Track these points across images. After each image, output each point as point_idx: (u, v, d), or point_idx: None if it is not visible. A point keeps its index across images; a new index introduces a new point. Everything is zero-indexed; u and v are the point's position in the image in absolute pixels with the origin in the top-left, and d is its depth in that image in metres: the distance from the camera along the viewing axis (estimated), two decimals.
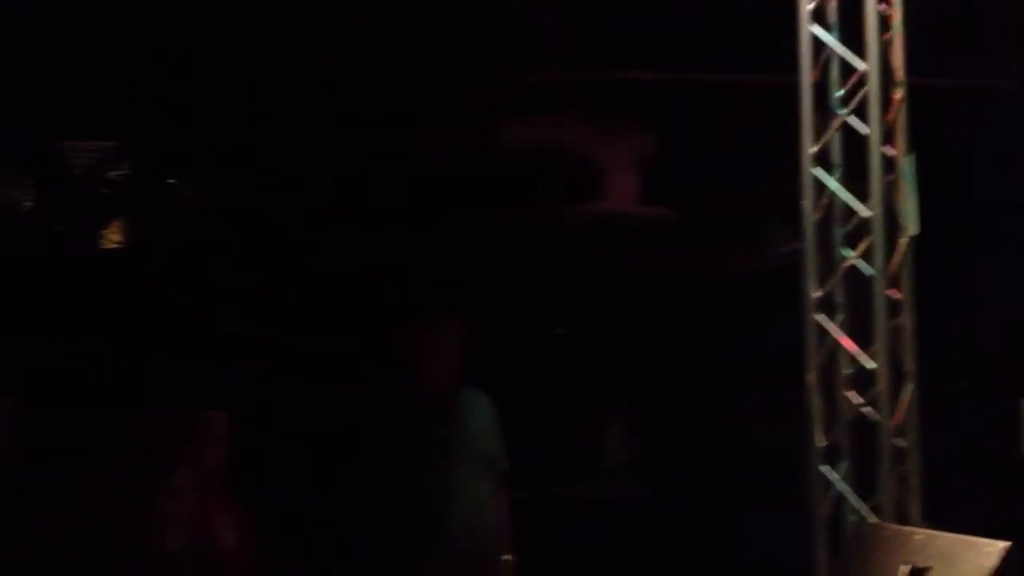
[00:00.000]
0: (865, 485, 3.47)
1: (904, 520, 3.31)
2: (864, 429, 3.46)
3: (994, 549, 2.44)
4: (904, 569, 2.53)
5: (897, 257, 3.52)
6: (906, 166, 3.55)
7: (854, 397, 3.52)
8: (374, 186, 5.88)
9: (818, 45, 3.67)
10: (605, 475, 6.14)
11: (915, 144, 3.54)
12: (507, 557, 3.81)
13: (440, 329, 3.76)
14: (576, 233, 5.57)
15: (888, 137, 3.54)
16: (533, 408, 5.36)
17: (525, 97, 5.21)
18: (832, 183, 3.65)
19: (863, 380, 3.47)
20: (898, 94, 3.56)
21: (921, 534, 2.72)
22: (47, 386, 3.73)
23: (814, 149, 3.65)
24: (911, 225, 3.52)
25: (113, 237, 7.97)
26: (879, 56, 3.53)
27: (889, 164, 3.54)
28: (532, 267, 5.76)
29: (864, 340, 3.47)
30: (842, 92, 3.66)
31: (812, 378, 3.53)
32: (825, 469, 3.52)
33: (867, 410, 3.47)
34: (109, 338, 5.12)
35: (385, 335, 3.86)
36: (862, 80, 3.55)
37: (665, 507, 5.47)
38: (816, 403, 3.55)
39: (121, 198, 7.45)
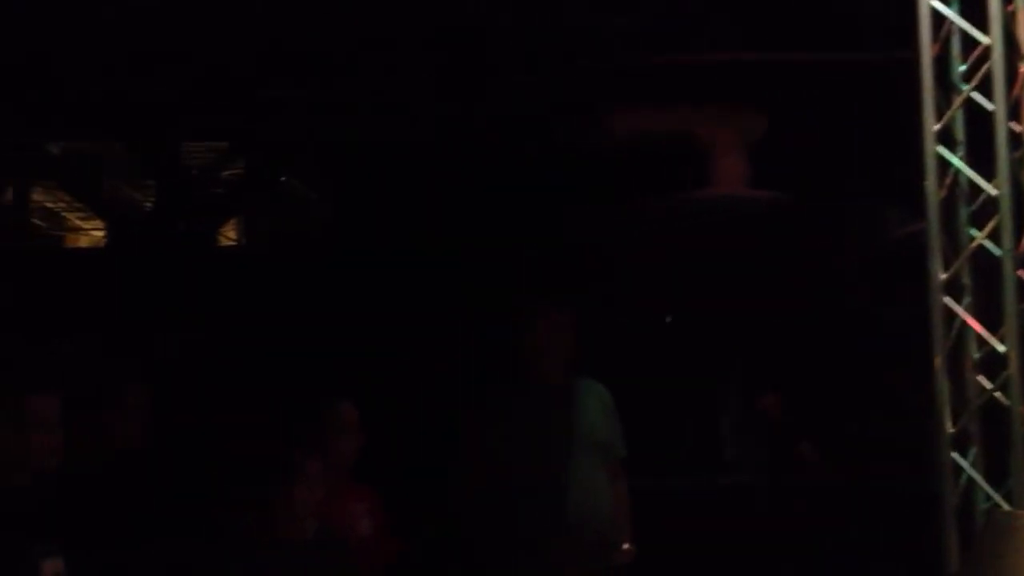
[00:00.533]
0: (996, 472, 3.36)
1: None
2: (994, 414, 3.35)
3: None
4: None
5: None
6: None
7: (983, 382, 3.41)
8: (484, 177, 5.91)
9: (938, 19, 3.56)
10: (724, 464, 6.09)
11: None
12: (627, 546, 3.81)
13: (554, 318, 3.77)
14: (686, 219, 5.52)
15: (1014, 112, 3.42)
16: (649, 397, 5.33)
17: (630, 84, 5.18)
18: (956, 161, 3.54)
19: (992, 364, 3.36)
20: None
21: None
22: (179, 378, 3.85)
23: (937, 127, 3.54)
24: None
25: (229, 235, 8.20)
26: (1003, 29, 3.41)
27: (1016, 140, 3.41)
28: (641, 254, 5.73)
29: (993, 322, 3.36)
30: (964, 67, 3.54)
31: (939, 362, 3.43)
32: (954, 456, 3.42)
33: (997, 395, 3.36)
34: (230, 331, 5.25)
35: (500, 325, 3.88)
36: (985, 54, 3.44)
37: (785, 496, 5.39)
38: (944, 388, 3.45)
39: (235, 196, 7.65)
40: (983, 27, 3.45)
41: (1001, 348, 3.34)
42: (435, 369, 5.09)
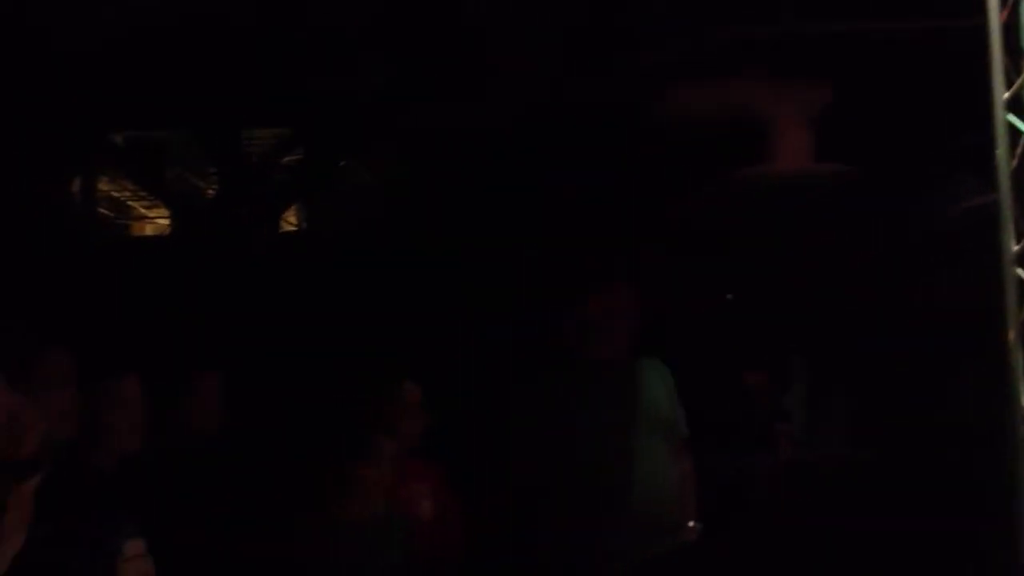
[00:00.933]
0: None
1: None
2: None
3: None
4: None
5: None
6: None
7: None
8: (545, 154, 5.89)
9: None
10: (790, 441, 6.03)
11: None
12: (692, 524, 3.79)
13: (613, 295, 3.74)
14: (751, 194, 5.46)
15: None
16: (712, 374, 5.30)
17: (694, 59, 5.12)
18: None
19: None
20: None
21: None
22: (249, 363, 3.91)
23: (1006, 95, 3.46)
24: None
25: (290, 221, 8.28)
26: None
27: None
28: (702, 230, 5.68)
29: None
30: None
31: (1012, 335, 3.36)
32: None
33: None
34: (293, 316, 5.31)
35: (559, 303, 3.86)
36: None
37: (855, 472, 5.33)
38: (1018, 362, 3.38)
39: (296, 183, 7.72)
40: None
41: None
42: (497, 349, 5.10)
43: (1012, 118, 3.47)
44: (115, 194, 8.57)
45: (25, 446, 1.32)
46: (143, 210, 8.97)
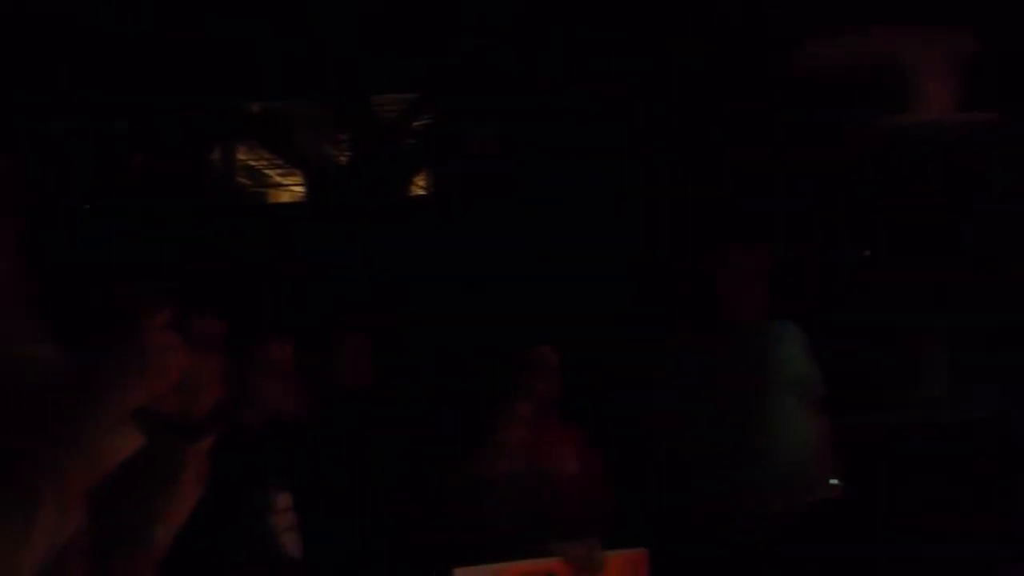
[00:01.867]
0: None
1: None
2: None
3: None
4: None
5: None
6: None
7: None
8: (667, 111, 5.82)
9: None
10: (925, 401, 5.88)
11: None
12: (833, 481, 3.75)
13: (746, 256, 3.70)
14: (893, 145, 5.30)
15: None
16: (847, 332, 5.18)
17: (835, 8, 4.98)
18: None
19: None
20: None
21: None
22: (390, 324, 3.99)
23: None
24: None
25: (419, 185, 8.38)
26: None
27: None
28: (843, 184, 5.54)
29: None
30: None
31: None
32: None
33: None
34: (428, 280, 5.39)
35: (689, 265, 3.83)
36: None
37: (999, 432, 5.17)
38: None
39: (425, 148, 7.80)
40: None
41: None
42: (634, 310, 5.10)
43: None
44: (252, 163, 8.80)
45: (200, 406, 1.39)
46: (278, 178, 9.18)
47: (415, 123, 7.60)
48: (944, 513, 4.66)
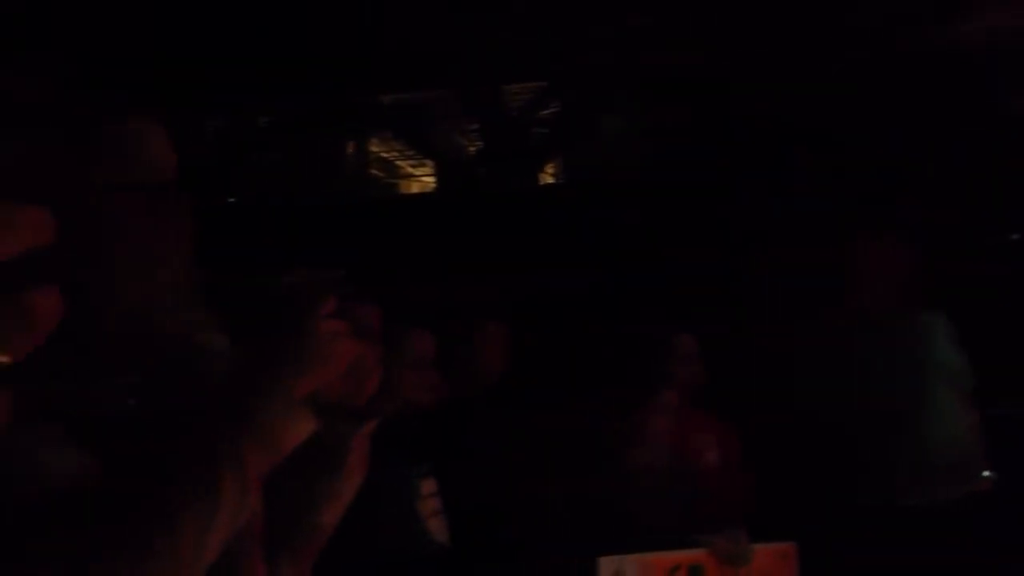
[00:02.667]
0: None
1: None
2: None
3: None
4: None
5: None
6: None
7: None
8: (803, 96, 5.68)
9: None
10: None
11: None
12: (986, 473, 3.63)
13: (887, 243, 3.60)
14: None
15: None
16: (996, 321, 4.98)
17: None
18: None
19: None
20: None
21: None
22: (534, 312, 4.01)
23: None
24: None
25: (549, 174, 8.39)
26: None
27: None
28: (991, 167, 5.33)
29: None
30: None
31: None
32: None
33: None
34: (561, 269, 5.38)
35: (830, 252, 3.74)
36: None
37: None
38: None
39: (555, 136, 7.80)
40: None
41: None
42: (770, 298, 5.00)
43: None
44: (384, 154, 8.93)
45: (366, 391, 1.40)
46: (410, 169, 9.30)
47: (545, 111, 7.61)
48: None
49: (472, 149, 8.15)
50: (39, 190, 0.57)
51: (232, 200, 5.67)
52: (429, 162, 8.53)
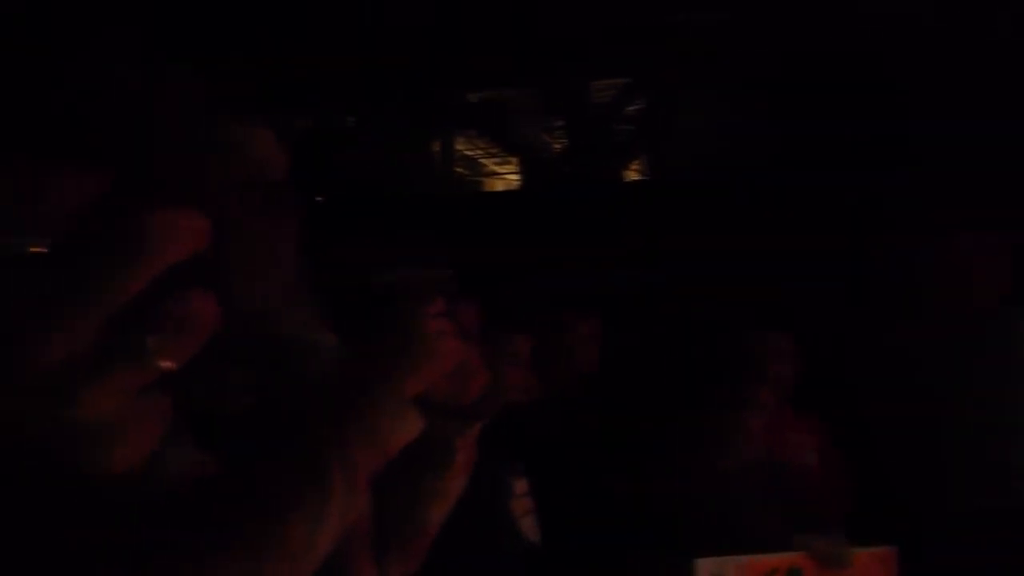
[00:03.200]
0: None
1: None
2: None
3: None
4: None
5: None
6: None
7: None
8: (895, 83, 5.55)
9: None
10: None
11: None
12: None
13: (979, 238, 3.49)
14: None
15: None
16: None
17: None
18: None
19: None
20: None
21: None
22: (624, 308, 3.98)
23: None
24: None
25: (633, 171, 8.33)
26: None
27: None
28: None
29: None
30: None
31: None
32: None
33: None
34: (652, 264, 5.34)
35: (923, 247, 3.63)
36: None
37: None
38: None
39: (640, 132, 7.73)
40: None
41: None
42: (875, 295, 4.89)
43: None
44: (468, 153, 8.96)
45: (471, 392, 1.39)
46: (493, 167, 9.32)
47: (631, 107, 7.56)
48: None
49: (557, 146, 8.14)
50: (181, 194, 0.57)
51: (319, 199, 5.73)
52: (513, 160, 8.53)
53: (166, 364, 0.53)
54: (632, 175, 8.02)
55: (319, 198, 5.73)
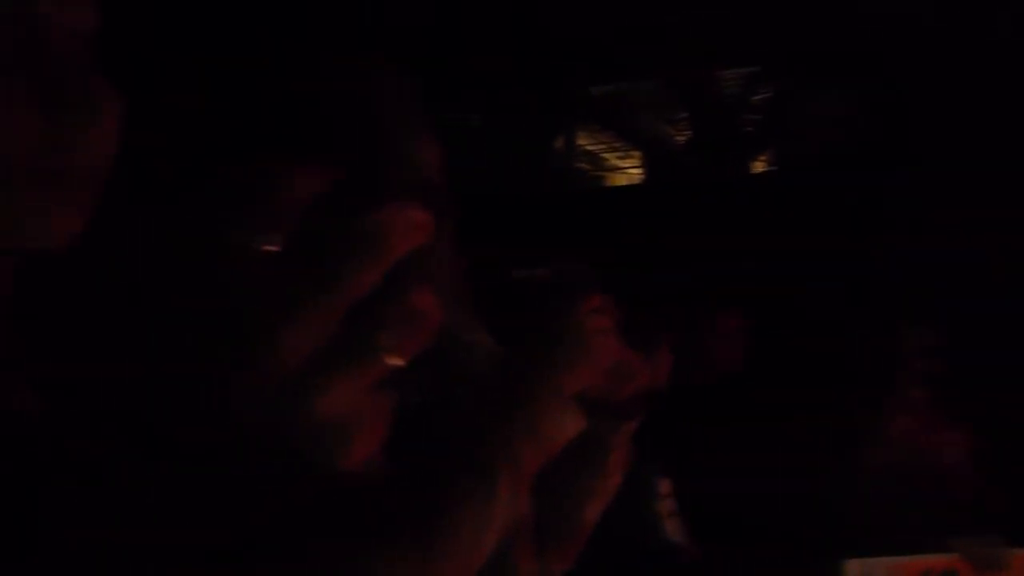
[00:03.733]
0: None
1: None
2: None
3: None
4: None
5: None
6: None
7: None
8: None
9: None
10: None
11: None
12: None
13: None
14: None
15: None
16: None
17: None
18: None
19: None
20: None
21: None
22: (770, 302, 3.92)
23: None
24: None
25: (760, 162, 8.18)
26: None
27: None
28: None
29: None
30: None
31: None
32: None
33: None
34: (788, 258, 5.24)
35: None
36: None
37: None
38: None
39: (768, 122, 7.59)
40: None
41: None
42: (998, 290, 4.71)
43: None
44: (590, 147, 8.92)
45: (627, 389, 1.37)
46: (616, 161, 9.26)
47: (756, 97, 7.43)
48: None
49: (681, 138, 8.05)
50: (403, 191, 0.58)
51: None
52: (636, 154, 8.46)
53: (396, 361, 0.53)
54: (759, 167, 7.88)
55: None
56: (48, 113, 0.71)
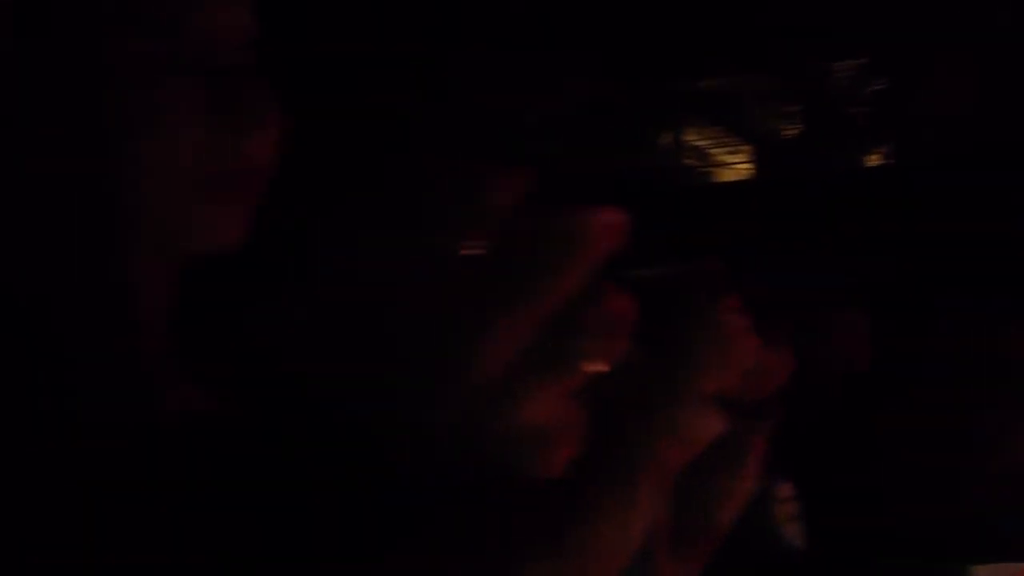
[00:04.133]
0: None
1: None
2: None
3: None
4: None
5: None
6: None
7: None
8: None
9: None
10: None
11: None
12: None
13: None
14: None
15: None
16: None
17: None
18: None
19: None
20: None
21: None
22: (892, 301, 3.83)
23: None
24: None
25: (875, 155, 7.99)
26: None
27: None
28: None
29: None
30: None
31: None
32: None
33: None
34: (910, 252, 5.11)
35: None
36: None
37: None
38: None
39: (878, 115, 7.41)
40: None
41: None
42: None
43: None
44: (697, 143, 8.82)
45: (762, 390, 1.35)
46: (724, 157, 9.14)
47: (869, 89, 7.26)
48: None
49: (790, 133, 7.91)
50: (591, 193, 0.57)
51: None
52: (744, 149, 8.34)
53: (596, 367, 0.53)
54: (873, 160, 7.70)
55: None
56: (215, 118, 0.72)
